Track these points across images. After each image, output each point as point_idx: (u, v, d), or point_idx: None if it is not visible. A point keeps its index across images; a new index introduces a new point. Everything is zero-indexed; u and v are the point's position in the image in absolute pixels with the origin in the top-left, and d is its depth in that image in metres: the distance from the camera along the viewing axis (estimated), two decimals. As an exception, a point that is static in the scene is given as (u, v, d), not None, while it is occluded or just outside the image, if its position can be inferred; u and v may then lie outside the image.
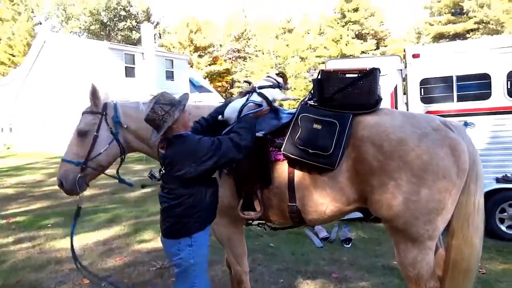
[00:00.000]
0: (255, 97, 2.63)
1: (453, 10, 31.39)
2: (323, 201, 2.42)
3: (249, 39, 45.43)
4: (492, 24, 25.05)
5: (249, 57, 43.25)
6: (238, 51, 45.53)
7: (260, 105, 2.60)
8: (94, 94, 2.80)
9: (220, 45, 45.56)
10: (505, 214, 5.16)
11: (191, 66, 37.22)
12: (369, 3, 37.60)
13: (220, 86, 40.89)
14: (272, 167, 2.50)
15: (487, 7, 26.15)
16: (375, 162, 2.26)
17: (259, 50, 42.48)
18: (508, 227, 5.19)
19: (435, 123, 2.32)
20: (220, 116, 2.66)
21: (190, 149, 2.27)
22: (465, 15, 30.02)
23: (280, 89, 2.84)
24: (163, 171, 2.41)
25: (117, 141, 2.81)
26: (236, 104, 2.66)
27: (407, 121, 2.32)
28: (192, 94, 25.02)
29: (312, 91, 2.57)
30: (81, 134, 2.76)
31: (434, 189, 2.19)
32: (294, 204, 2.47)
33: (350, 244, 5.09)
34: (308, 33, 41.58)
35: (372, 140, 2.29)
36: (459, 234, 2.38)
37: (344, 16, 36.68)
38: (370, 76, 2.39)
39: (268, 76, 2.88)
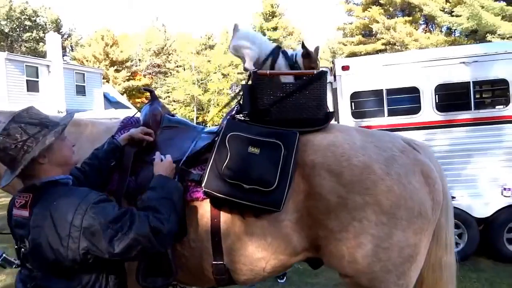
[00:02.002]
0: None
1: (363, 32, 33.66)
2: (262, 254, 1.73)
3: (170, 54, 44.19)
4: (397, 45, 27.23)
5: (170, 73, 42.02)
6: (159, 66, 43.99)
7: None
8: None
9: (139, 60, 43.61)
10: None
11: (107, 81, 35.08)
12: (287, 23, 38.90)
13: (139, 103, 38.93)
14: (188, 210, 1.76)
15: (393, 30, 28.35)
16: (334, 197, 1.64)
17: (180, 66, 41.47)
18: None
19: (399, 143, 1.79)
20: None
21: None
22: (374, 37, 32.31)
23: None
24: (24, 250, 1.42)
25: None
26: None
27: (368, 140, 1.76)
28: (107, 110, 23.24)
29: (241, 102, 1.89)
30: None
31: (409, 230, 1.63)
32: (221, 262, 1.74)
33: (284, 279, 4.47)
34: (230, 50, 41.56)
35: (328, 167, 1.68)
36: (429, 282, 1.86)
37: (264, 34, 37.37)
38: (318, 81, 1.79)
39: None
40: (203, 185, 1.66)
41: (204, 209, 1.75)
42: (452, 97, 5.10)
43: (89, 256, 1.36)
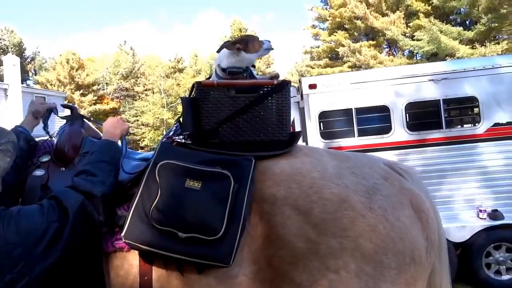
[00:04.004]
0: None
1: (330, 55, 34.52)
2: None
3: (138, 78, 43.56)
4: (363, 68, 27.99)
5: (139, 96, 41.33)
6: (127, 89, 43.18)
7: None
8: None
9: (107, 83, 42.73)
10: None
11: None
12: (257, 46, 39.40)
13: (106, 127, 38.01)
14: (108, 264, 1.33)
15: (358, 53, 29.21)
16: (301, 241, 1.27)
17: (149, 89, 40.91)
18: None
19: (380, 168, 1.45)
20: None
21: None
22: (340, 60, 33.20)
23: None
24: None
25: None
26: None
27: (343, 165, 1.40)
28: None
29: (181, 119, 1.50)
30: None
31: (399, 281, 1.27)
32: None
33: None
34: (199, 73, 41.45)
35: (294, 202, 1.30)
36: None
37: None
38: (279, 94, 1.44)
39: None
40: (122, 234, 1.24)
41: (131, 262, 1.32)
42: (422, 115, 4.95)
43: (44, 270, 1.11)
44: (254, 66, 1.68)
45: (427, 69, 4.95)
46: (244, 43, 1.55)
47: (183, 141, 1.43)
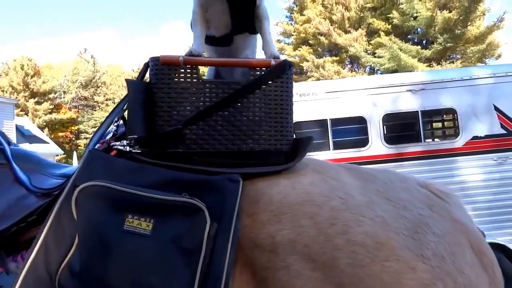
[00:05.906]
0: None
1: (294, 70, 35.16)
2: None
3: (99, 87, 42.14)
4: (327, 83, 28.58)
5: (99, 106, 39.89)
6: (86, 99, 41.66)
7: None
8: None
9: (64, 92, 41.10)
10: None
11: (26, 114, 33.15)
12: (221, 58, 39.33)
13: (62, 137, 36.58)
14: None
15: (322, 68, 29.88)
16: None
17: (109, 99, 39.59)
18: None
19: (417, 190, 0.99)
20: None
21: None
22: (304, 75, 33.90)
23: None
24: None
25: None
26: None
27: (370, 187, 0.93)
28: (20, 144, 20.75)
29: (124, 116, 0.98)
30: None
31: None
32: None
33: None
34: (162, 83, 40.69)
35: (306, 249, 0.81)
36: None
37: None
38: (279, 80, 0.97)
39: None
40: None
41: None
42: (400, 128, 4.72)
43: None
44: None
45: (405, 79, 4.74)
46: None
47: (127, 148, 0.88)
